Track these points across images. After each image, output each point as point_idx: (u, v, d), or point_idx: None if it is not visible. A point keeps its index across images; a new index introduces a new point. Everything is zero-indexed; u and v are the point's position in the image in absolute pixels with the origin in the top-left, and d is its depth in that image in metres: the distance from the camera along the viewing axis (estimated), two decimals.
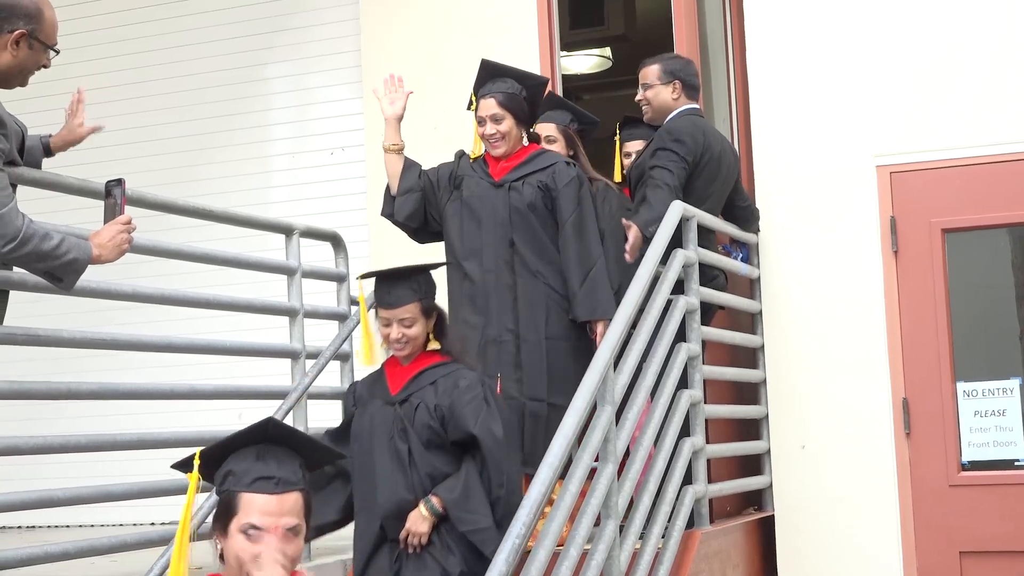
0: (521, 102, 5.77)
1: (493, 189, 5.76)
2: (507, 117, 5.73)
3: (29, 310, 5.55)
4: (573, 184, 5.73)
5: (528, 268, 5.67)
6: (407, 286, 4.75)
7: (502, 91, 5.74)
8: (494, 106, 5.73)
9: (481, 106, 5.76)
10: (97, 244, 4.33)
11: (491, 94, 5.74)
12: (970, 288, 6.75)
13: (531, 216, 5.70)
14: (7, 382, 4.42)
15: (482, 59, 5.87)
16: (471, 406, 4.70)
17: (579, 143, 6.28)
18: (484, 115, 5.76)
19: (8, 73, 4.39)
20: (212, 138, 9.07)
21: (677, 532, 5.41)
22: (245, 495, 2.97)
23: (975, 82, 6.76)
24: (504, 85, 5.75)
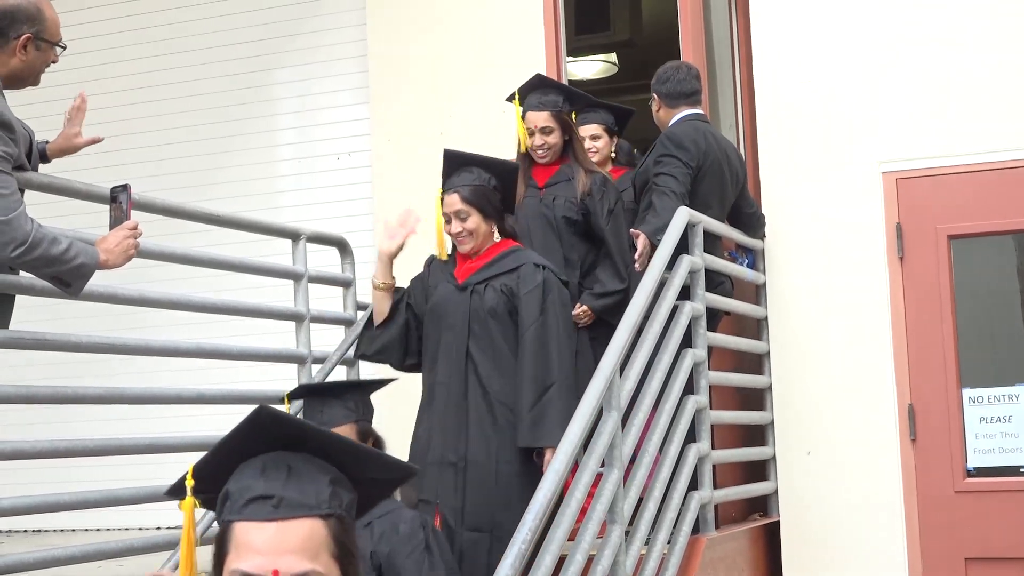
0: (490, 194, 5.36)
1: (457, 293, 5.35)
2: (473, 213, 5.31)
3: (36, 314, 5.57)
4: (538, 290, 5.26)
5: (481, 382, 5.19)
6: (341, 404, 4.24)
7: (467, 184, 5.33)
8: (458, 202, 5.32)
9: (445, 202, 5.36)
10: (104, 249, 4.34)
11: (454, 188, 5.33)
12: (976, 294, 6.75)
13: (491, 323, 5.25)
14: (14, 386, 4.43)
15: (444, 149, 5.52)
16: (412, 558, 4.31)
17: (575, 131, 6.17)
18: (448, 212, 5.35)
19: (20, 75, 4.43)
20: (219, 144, 9.08)
21: (683, 538, 5.42)
22: (238, 525, 2.09)
23: (981, 89, 6.76)
24: (470, 176, 5.35)
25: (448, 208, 5.33)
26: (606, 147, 6.68)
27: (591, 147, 6.60)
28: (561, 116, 6.06)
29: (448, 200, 5.33)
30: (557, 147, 6.05)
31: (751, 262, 6.95)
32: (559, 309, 5.27)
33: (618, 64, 11.48)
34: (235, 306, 5.92)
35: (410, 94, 8.17)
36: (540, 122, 6.01)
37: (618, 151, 6.79)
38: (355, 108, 8.74)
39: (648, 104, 6.64)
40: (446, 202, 5.34)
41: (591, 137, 6.61)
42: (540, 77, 6.17)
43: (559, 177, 6.06)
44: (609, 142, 6.70)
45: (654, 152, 6.27)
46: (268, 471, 2.10)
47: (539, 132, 6.02)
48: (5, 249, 4.10)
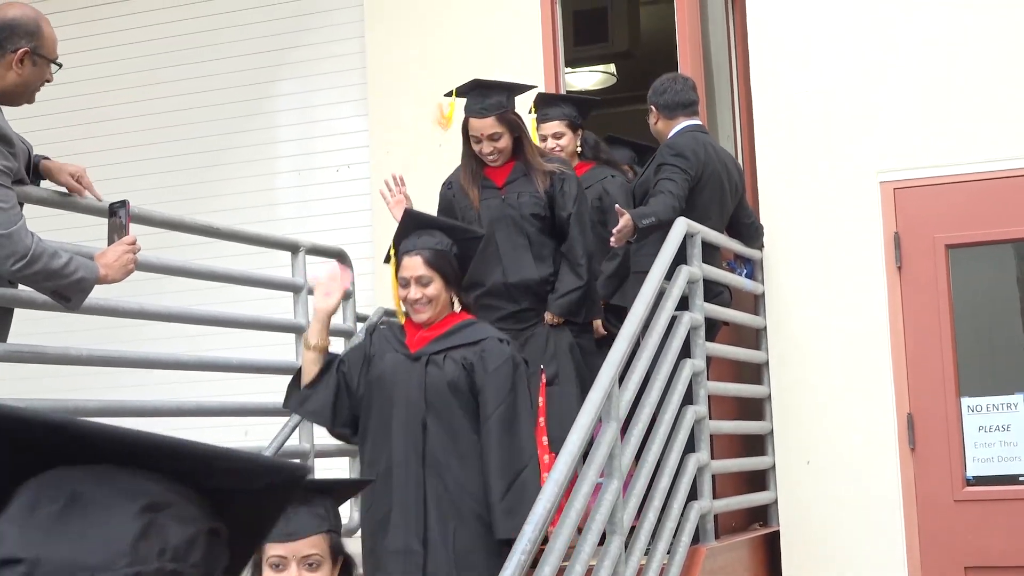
0: (452, 260, 4.85)
1: (408, 362, 4.81)
2: (436, 279, 4.79)
3: (35, 327, 5.58)
4: (506, 367, 4.74)
5: (439, 465, 4.68)
6: (311, 512, 3.24)
7: (430, 247, 4.81)
8: (420, 266, 4.77)
9: (404, 264, 4.81)
10: (103, 264, 4.35)
11: (416, 251, 4.79)
12: (974, 303, 6.76)
13: (450, 397, 4.73)
14: (13, 400, 4.44)
15: (406, 209, 5.20)
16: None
17: (523, 128, 5.91)
18: (408, 276, 4.80)
19: (15, 91, 4.42)
20: (218, 156, 9.10)
21: (682, 548, 5.42)
22: None
23: (978, 98, 6.77)
24: (431, 239, 4.83)
25: (408, 272, 4.78)
26: (571, 143, 6.50)
27: (554, 146, 6.42)
28: (507, 117, 5.78)
29: (409, 263, 4.79)
30: (508, 149, 5.82)
31: (750, 272, 6.95)
32: (525, 387, 4.82)
33: (616, 75, 11.51)
34: (234, 318, 5.94)
35: (409, 106, 8.18)
36: (487, 129, 5.77)
37: (583, 144, 6.58)
38: (354, 120, 8.76)
39: (646, 116, 6.65)
40: (406, 265, 4.79)
41: (553, 135, 6.44)
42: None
43: (517, 173, 5.87)
44: (573, 137, 6.52)
45: (654, 162, 6.28)
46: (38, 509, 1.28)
47: (487, 139, 5.78)
48: (5, 263, 4.11)
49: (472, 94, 5.83)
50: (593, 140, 6.67)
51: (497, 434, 4.66)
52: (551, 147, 6.37)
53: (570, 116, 6.52)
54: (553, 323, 5.77)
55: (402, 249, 4.84)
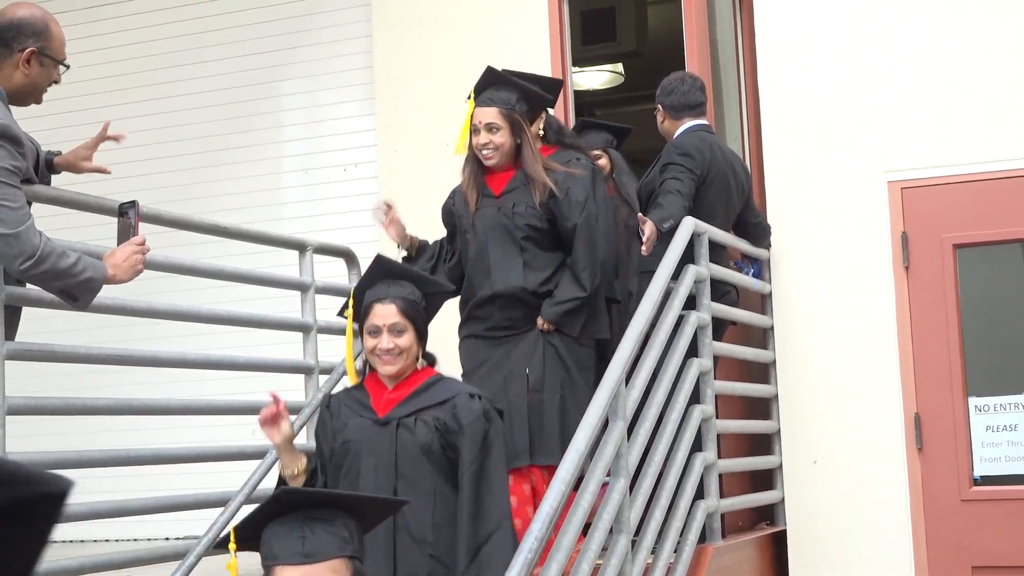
0: (423, 313, 4.56)
1: (376, 428, 4.47)
2: (409, 329, 4.43)
3: (44, 326, 5.60)
4: (479, 422, 4.43)
5: (410, 533, 4.36)
6: (332, 532, 2.99)
7: (403, 296, 4.48)
8: (395, 314, 4.43)
9: (376, 312, 4.46)
10: (112, 264, 4.36)
11: (390, 298, 4.45)
12: (982, 303, 6.76)
13: (424, 462, 4.41)
14: (22, 397, 4.45)
15: (377, 255, 4.74)
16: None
17: (527, 135, 5.63)
18: (380, 324, 4.42)
19: (22, 91, 4.44)
20: (226, 155, 9.11)
21: (689, 547, 5.43)
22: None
23: (986, 98, 6.77)
24: (404, 289, 4.50)
25: (381, 319, 4.42)
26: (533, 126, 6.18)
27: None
28: (512, 115, 5.57)
29: (382, 310, 4.44)
30: (505, 148, 5.57)
31: (757, 271, 6.96)
32: (500, 444, 4.50)
33: (624, 74, 11.50)
34: (242, 317, 5.94)
35: (416, 105, 8.19)
36: (486, 118, 5.55)
37: (547, 128, 6.17)
38: (361, 119, 8.77)
39: (653, 114, 6.66)
40: (378, 312, 4.44)
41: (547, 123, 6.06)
42: (492, 72, 5.62)
43: (516, 183, 5.64)
44: (536, 120, 6.08)
45: (660, 162, 6.29)
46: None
47: (484, 129, 5.55)
48: (14, 262, 4.12)
49: (486, 83, 5.66)
50: (557, 124, 6.29)
51: (468, 498, 4.33)
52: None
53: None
54: (544, 329, 5.54)
55: (371, 297, 4.49)
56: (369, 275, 4.56)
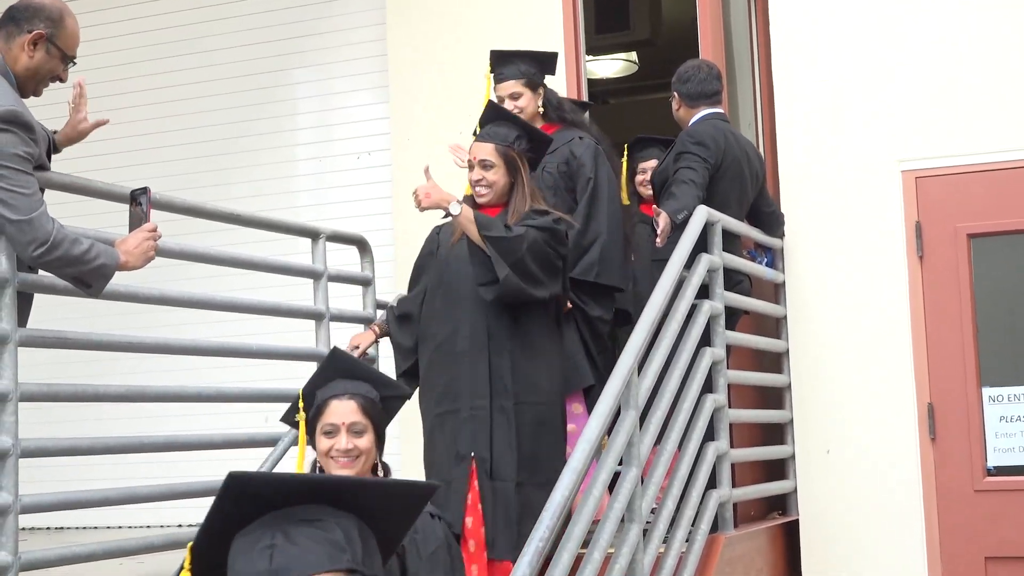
0: (382, 413, 4.14)
1: None
2: (369, 430, 3.99)
3: (57, 313, 5.60)
4: (442, 553, 4.18)
5: None
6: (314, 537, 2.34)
7: (362, 394, 4.05)
8: (355, 411, 3.98)
9: (333, 409, 4.00)
10: (124, 251, 4.36)
11: (348, 395, 4.01)
12: (996, 293, 6.73)
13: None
14: (35, 384, 4.46)
15: (333, 348, 4.34)
16: None
17: (523, 174, 5.43)
18: (338, 422, 3.97)
19: (23, 78, 4.42)
20: (239, 142, 9.11)
21: (701, 536, 5.42)
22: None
23: (1001, 87, 6.74)
24: (363, 387, 4.08)
25: (339, 417, 3.97)
26: (530, 104, 6.04)
27: (511, 108, 5.92)
28: (509, 154, 5.37)
29: (340, 407, 3.99)
30: (499, 187, 5.39)
31: (770, 261, 6.94)
32: (463, 563, 4.30)
33: (638, 63, 11.49)
34: (255, 305, 5.94)
35: (430, 93, 8.18)
36: (481, 154, 5.39)
37: (546, 105, 6.10)
38: (375, 107, 8.76)
39: (668, 102, 6.63)
40: (335, 410, 3.98)
41: (510, 96, 6.00)
42: (493, 107, 5.57)
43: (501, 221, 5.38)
44: (533, 97, 6.07)
45: (674, 150, 6.27)
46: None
47: (478, 165, 5.40)
48: (27, 249, 4.13)
49: (487, 117, 5.53)
50: (556, 100, 6.19)
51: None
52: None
53: (528, 74, 6.06)
54: None
55: (327, 394, 4.04)
56: (323, 372, 4.12)
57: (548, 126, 6.06)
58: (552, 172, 6.01)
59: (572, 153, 6.05)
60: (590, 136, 6.09)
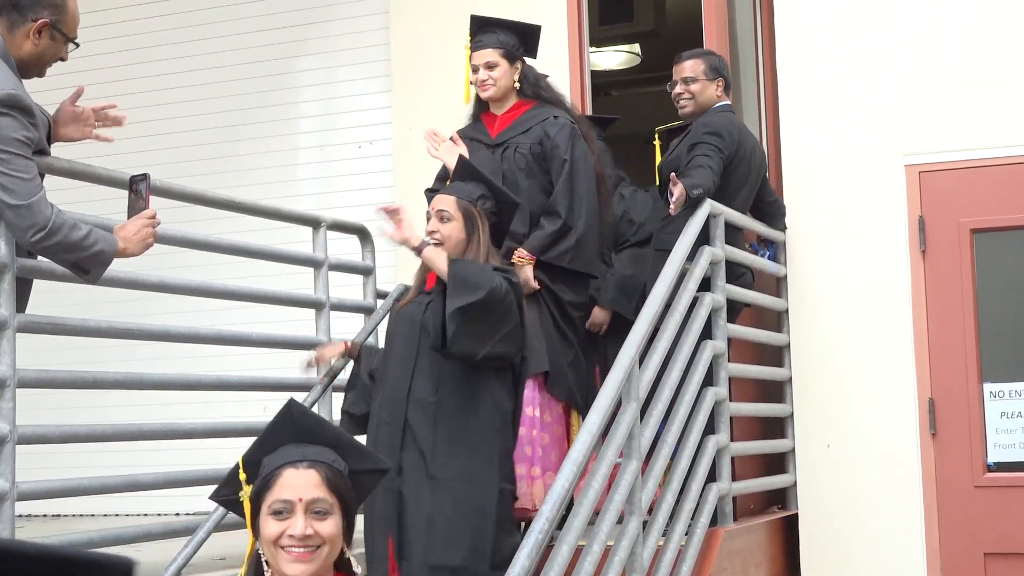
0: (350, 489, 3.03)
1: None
2: (335, 510, 2.88)
3: (56, 299, 5.58)
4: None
5: None
6: None
7: (327, 463, 2.93)
8: (317, 486, 2.86)
9: (286, 481, 2.88)
10: (122, 238, 4.35)
11: (311, 463, 2.90)
12: (998, 289, 6.72)
13: None
14: (33, 370, 4.45)
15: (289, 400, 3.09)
16: None
17: (480, 225, 5.22)
18: (293, 498, 2.84)
19: (27, 62, 4.41)
20: (241, 130, 9.09)
21: (700, 529, 5.41)
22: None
23: (1005, 82, 6.72)
24: (327, 454, 2.93)
25: (295, 492, 2.86)
26: (505, 76, 5.83)
27: (486, 77, 5.80)
28: (468, 210, 5.21)
29: (296, 479, 2.88)
30: (453, 241, 5.19)
31: (772, 254, 6.93)
32: None
33: (641, 55, 11.46)
34: (255, 293, 5.93)
35: (433, 83, 8.15)
36: (440, 205, 5.22)
37: (523, 80, 5.87)
38: (378, 96, 8.74)
39: (688, 85, 6.44)
40: (290, 482, 2.88)
41: (485, 65, 5.84)
42: (465, 166, 5.40)
43: None
44: (509, 70, 5.86)
45: (687, 139, 6.19)
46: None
47: (435, 216, 5.23)
48: (25, 234, 4.11)
49: (458, 175, 5.36)
50: (534, 76, 5.94)
51: None
52: (482, 78, 5.78)
53: (507, 45, 5.82)
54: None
55: (278, 460, 2.92)
56: (273, 432, 2.99)
57: (523, 102, 5.93)
58: (525, 153, 5.85)
59: (546, 133, 5.85)
60: (566, 115, 5.90)
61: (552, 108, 5.91)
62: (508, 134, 5.90)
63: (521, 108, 5.86)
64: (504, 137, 5.90)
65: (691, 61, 6.42)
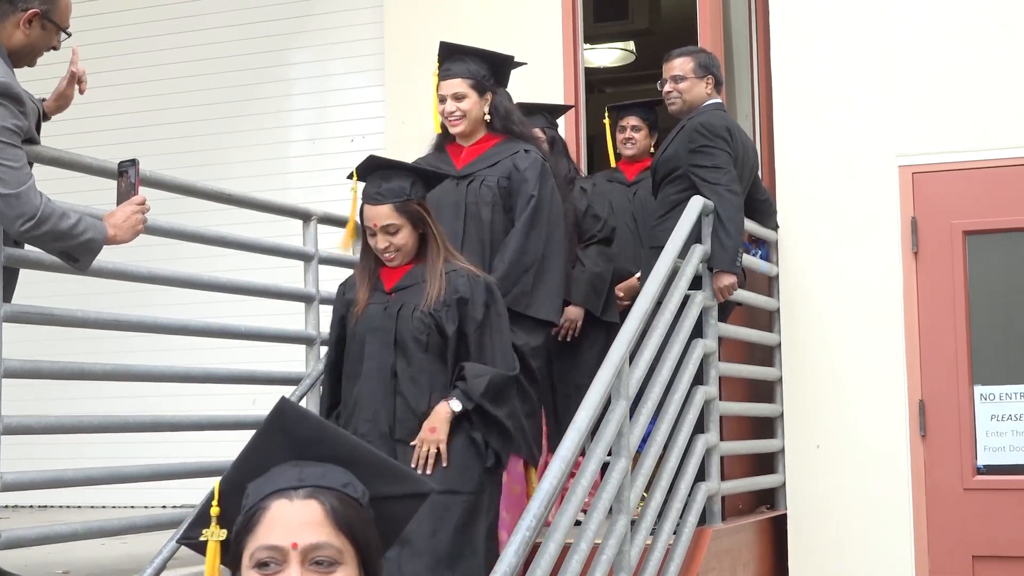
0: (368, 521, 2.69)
1: None
2: (347, 556, 2.42)
3: (44, 290, 5.55)
4: None
5: None
6: None
7: (335, 488, 2.46)
8: (320, 525, 2.17)
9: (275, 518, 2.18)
10: (112, 225, 4.32)
11: (312, 492, 2.33)
12: (990, 291, 6.71)
13: None
14: (20, 361, 4.41)
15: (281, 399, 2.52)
16: None
17: (431, 224, 4.79)
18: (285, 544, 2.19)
19: (19, 52, 4.39)
20: (232, 123, 9.07)
21: (689, 529, 5.39)
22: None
23: (999, 84, 6.72)
24: (337, 476, 2.41)
25: (287, 536, 2.07)
26: (475, 108, 5.41)
27: (454, 109, 5.40)
28: (409, 208, 4.72)
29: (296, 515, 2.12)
30: (409, 247, 4.75)
31: (764, 254, 6.91)
32: None
33: (636, 52, 11.45)
34: (245, 286, 5.91)
35: (425, 77, 8.07)
36: (381, 220, 4.70)
37: (493, 113, 5.47)
38: (370, 90, 8.72)
39: (677, 83, 6.40)
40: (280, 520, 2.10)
41: (453, 96, 5.42)
42: (374, 159, 4.87)
43: (411, 279, 4.78)
44: (478, 102, 5.44)
45: (683, 138, 6.10)
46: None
47: (381, 232, 4.72)
48: (14, 223, 4.08)
49: (371, 172, 4.88)
50: (505, 109, 5.55)
51: None
52: (450, 110, 5.40)
53: (477, 75, 5.42)
54: None
55: (266, 488, 2.14)
56: (260, 445, 2.24)
57: (492, 135, 5.51)
58: (492, 186, 5.39)
59: (515, 167, 5.39)
60: (536, 150, 5.50)
61: (522, 143, 5.50)
62: (475, 167, 5.46)
63: (490, 141, 5.47)
64: (471, 170, 5.46)
65: (680, 59, 6.38)
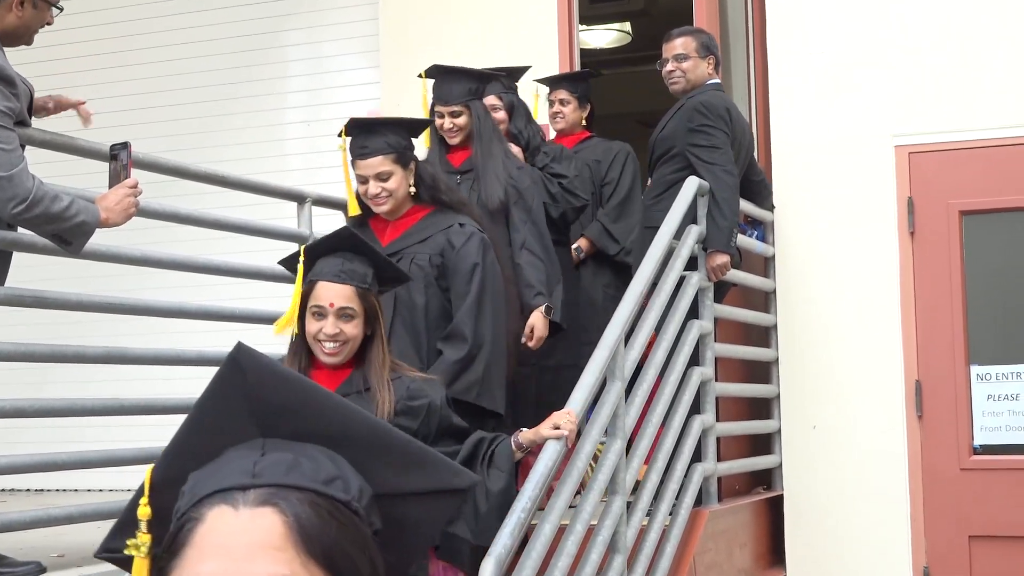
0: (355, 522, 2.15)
1: None
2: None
3: (37, 274, 5.54)
4: None
5: None
6: None
7: (312, 490, 1.93)
8: (278, 546, 1.77)
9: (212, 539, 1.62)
10: (104, 207, 4.30)
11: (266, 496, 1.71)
12: (986, 271, 6.70)
13: None
14: (13, 344, 4.40)
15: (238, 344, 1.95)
16: None
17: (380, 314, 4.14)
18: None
19: (14, 33, 4.38)
20: (227, 105, 9.04)
21: (685, 510, 5.39)
22: None
23: (996, 64, 6.70)
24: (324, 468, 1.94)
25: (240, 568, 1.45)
26: (401, 185, 4.90)
27: (379, 191, 4.86)
28: (368, 300, 4.09)
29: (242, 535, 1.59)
30: (355, 344, 4.08)
31: (760, 234, 6.90)
32: None
33: (632, 33, 11.42)
34: (238, 268, 5.88)
35: (420, 59, 8.08)
36: (340, 301, 4.05)
37: (418, 183, 4.94)
38: (365, 72, 8.70)
39: (680, 63, 6.36)
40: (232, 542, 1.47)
41: (375, 177, 4.89)
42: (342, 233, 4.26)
43: (352, 386, 4.12)
44: (404, 176, 4.90)
45: (681, 117, 6.08)
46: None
47: (333, 314, 4.06)
48: (6, 206, 4.06)
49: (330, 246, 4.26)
50: (431, 177, 5.01)
51: None
52: (374, 192, 4.90)
53: (398, 147, 4.89)
54: None
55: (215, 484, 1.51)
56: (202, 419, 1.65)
57: (420, 208, 5.00)
58: (423, 265, 4.88)
59: (450, 243, 4.89)
60: (471, 222, 4.98)
61: (454, 215, 4.99)
62: (402, 243, 4.96)
63: (417, 214, 4.98)
64: (398, 247, 4.94)
65: (682, 38, 6.34)
